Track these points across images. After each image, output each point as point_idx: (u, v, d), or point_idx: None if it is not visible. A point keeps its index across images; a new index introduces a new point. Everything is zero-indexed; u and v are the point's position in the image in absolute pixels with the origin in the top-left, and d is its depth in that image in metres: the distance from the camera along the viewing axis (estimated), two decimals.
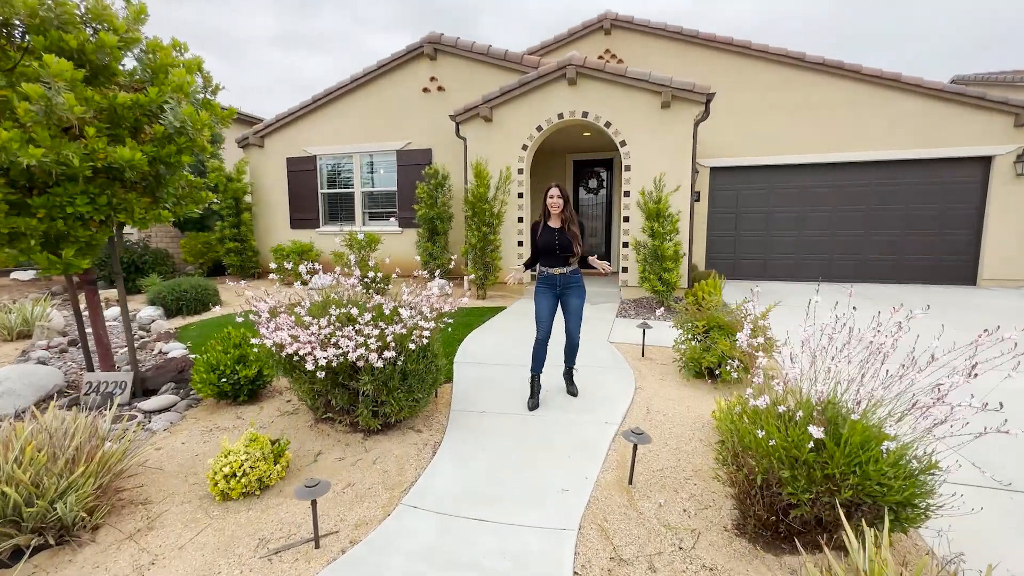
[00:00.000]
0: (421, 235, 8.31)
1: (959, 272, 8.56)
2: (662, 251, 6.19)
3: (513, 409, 3.48)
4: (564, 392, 3.79)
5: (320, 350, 2.72)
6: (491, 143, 7.73)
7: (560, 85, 7.30)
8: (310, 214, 10.00)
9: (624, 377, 4.03)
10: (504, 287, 7.93)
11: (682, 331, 4.11)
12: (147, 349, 5.32)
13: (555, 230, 3.45)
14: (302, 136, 9.86)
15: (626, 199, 7.22)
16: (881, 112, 8.46)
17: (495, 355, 4.67)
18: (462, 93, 8.52)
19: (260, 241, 10.43)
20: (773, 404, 2.14)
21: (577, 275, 3.51)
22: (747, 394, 2.33)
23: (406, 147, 9.14)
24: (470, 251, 7.36)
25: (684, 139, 6.83)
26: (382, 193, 9.63)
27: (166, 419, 3.46)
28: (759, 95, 8.90)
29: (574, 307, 3.50)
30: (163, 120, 3.41)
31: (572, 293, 3.49)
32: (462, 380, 4.04)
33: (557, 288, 3.49)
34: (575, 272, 3.50)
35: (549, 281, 3.50)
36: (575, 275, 3.50)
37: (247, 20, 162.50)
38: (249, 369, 3.59)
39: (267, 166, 10.22)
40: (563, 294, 3.50)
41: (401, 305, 3.12)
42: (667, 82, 6.64)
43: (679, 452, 2.86)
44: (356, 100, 9.39)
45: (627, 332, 5.46)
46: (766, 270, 9.48)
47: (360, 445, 3.05)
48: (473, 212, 7.22)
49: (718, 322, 3.88)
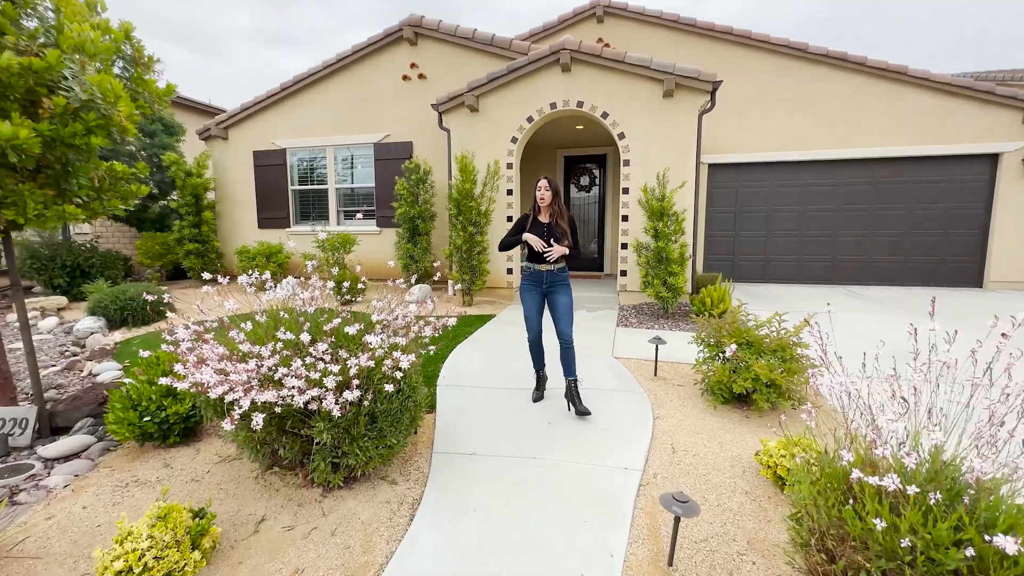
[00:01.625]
0: (401, 236, 7.61)
1: (965, 274, 8.24)
2: (667, 253, 5.63)
3: (509, 448, 2.85)
4: (571, 418, 3.20)
5: (259, 392, 2.05)
6: (477, 135, 7.09)
7: (553, 72, 6.69)
8: (280, 213, 9.19)
9: (638, 403, 3.44)
10: (492, 293, 7.29)
11: (704, 347, 3.55)
12: (75, 370, 4.53)
13: (544, 225, 3.30)
14: (270, 128, 9.05)
15: (625, 196, 6.65)
16: (886, 106, 8.08)
17: (485, 375, 4.03)
18: (445, 82, 7.85)
19: (225, 242, 9.58)
20: (868, 466, 1.56)
21: (564, 272, 3.34)
22: (825, 447, 1.76)
23: (384, 140, 8.42)
24: (455, 253, 6.71)
25: (688, 131, 6.30)
26: (359, 190, 8.89)
27: (72, 469, 2.73)
28: (759, 88, 8.44)
29: (562, 305, 3.28)
30: (65, 91, 2.69)
31: (559, 291, 3.31)
32: (446, 408, 3.40)
33: (543, 285, 3.32)
34: (563, 269, 3.34)
35: (535, 278, 3.33)
36: (562, 272, 3.33)
37: (223, 16, 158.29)
38: (181, 404, 2.88)
39: (232, 160, 9.37)
40: (550, 292, 3.33)
41: (369, 329, 2.46)
42: (670, 69, 6.09)
43: (724, 512, 2.27)
44: (329, 89, 8.63)
45: (632, 345, 4.88)
46: (766, 272, 9.04)
47: (317, 506, 2.38)
48: (458, 210, 6.57)
49: (748, 338, 3.32)
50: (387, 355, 2.33)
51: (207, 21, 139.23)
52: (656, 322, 5.78)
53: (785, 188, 8.77)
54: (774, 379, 2.98)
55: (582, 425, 3.12)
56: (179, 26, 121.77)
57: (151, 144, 9.26)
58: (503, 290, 7.25)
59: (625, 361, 4.38)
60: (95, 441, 3.04)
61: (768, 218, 8.90)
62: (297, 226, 9.19)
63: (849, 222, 8.58)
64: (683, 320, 5.84)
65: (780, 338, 3.25)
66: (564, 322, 3.27)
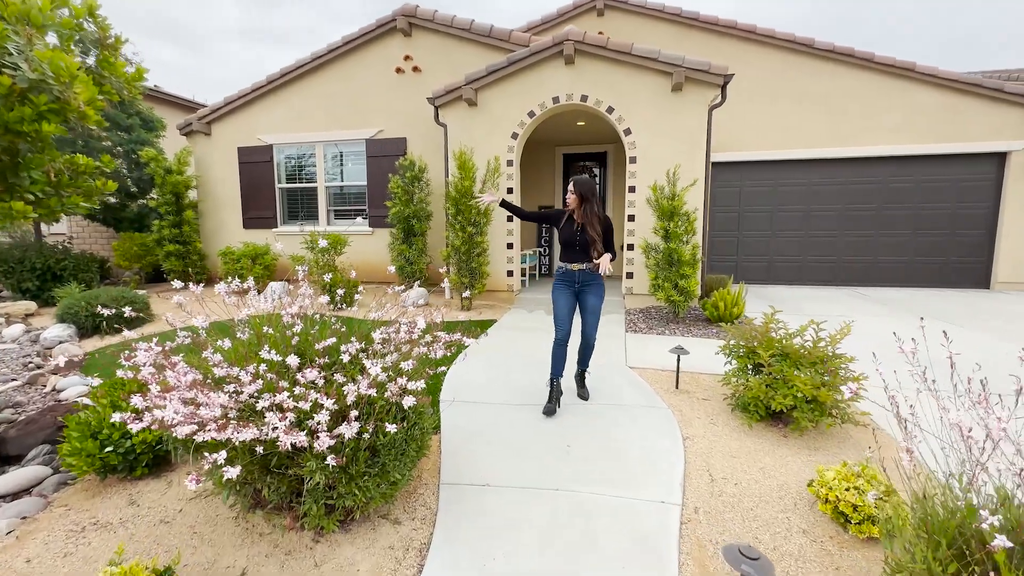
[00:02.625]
0: (395, 236, 7.24)
1: (972, 275, 8.10)
2: (679, 255, 5.35)
3: (527, 477, 2.52)
4: (590, 436, 2.89)
5: (237, 429, 1.69)
6: (476, 130, 6.74)
7: (555, 64, 6.38)
8: (266, 212, 8.76)
9: (663, 421, 3.13)
10: (492, 296, 6.95)
11: (734, 359, 3.25)
12: (37, 385, 4.10)
13: (578, 225, 3.27)
14: (255, 123, 8.61)
15: (631, 195, 6.36)
16: (893, 104, 7.90)
17: (491, 389, 3.70)
18: (441, 75, 7.50)
19: (208, 243, 9.11)
20: None
21: (597, 272, 3.28)
22: (924, 491, 1.46)
23: (377, 136, 8.04)
24: (452, 255, 6.36)
25: (697, 127, 6.02)
26: (350, 188, 8.50)
27: (19, 511, 2.34)
28: (764, 84, 8.21)
29: (592, 306, 3.31)
30: (10, 69, 2.30)
31: (591, 291, 3.31)
32: (452, 430, 3.06)
33: (576, 284, 3.32)
34: (595, 269, 3.29)
35: (568, 277, 3.33)
36: (595, 272, 3.30)
37: (212, 13, 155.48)
38: (149, 431, 2.51)
39: (215, 157, 8.91)
40: (581, 291, 3.33)
41: (367, 346, 2.11)
42: (679, 61, 5.81)
43: (783, 557, 1.96)
44: (318, 82, 8.22)
45: (646, 353, 4.58)
46: (770, 274, 8.82)
47: (308, 554, 2.04)
48: (457, 210, 6.22)
49: (784, 350, 3.03)
50: (391, 379, 1.99)
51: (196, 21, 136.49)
52: (666, 327, 5.50)
53: (789, 187, 8.56)
54: (817, 395, 2.69)
55: (605, 446, 2.81)
56: (167, 24, 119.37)
57: (128, 139, 8.76)
58: (503, 293, 6.93)
59: (641, 371, 4.08)
60: (50, 473, 2.65)
61: (772, 218, 8.69)
62: (285, 226, 8.76)
63: (854, 222, 8.40)
64: (694, 325, 5.56)
65: (818, 349, 2.96)
66: (590, 323, 3.34)
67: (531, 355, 4.44)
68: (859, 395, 2.72)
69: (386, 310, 2.54)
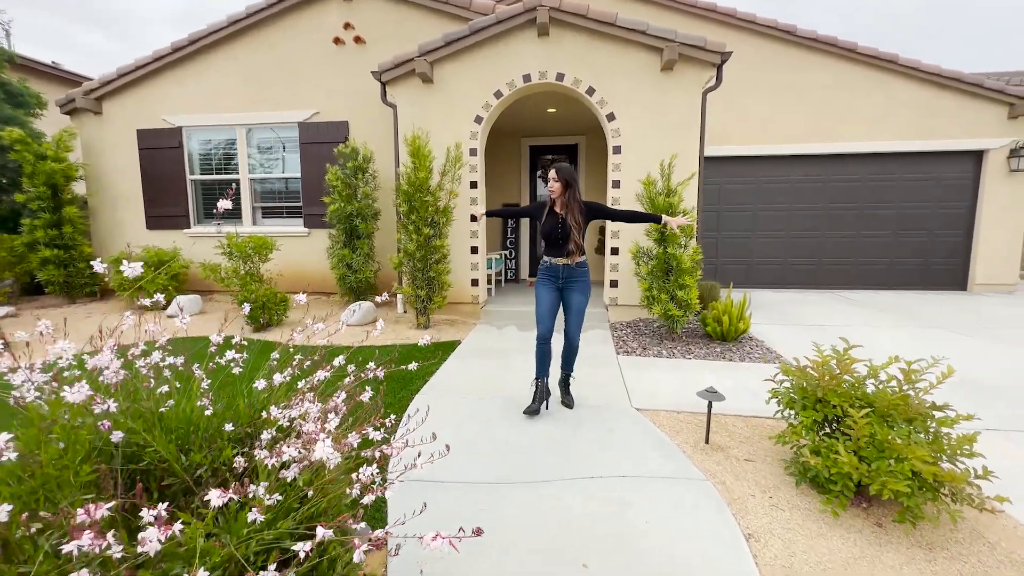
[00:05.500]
0: (335, 239, 6.04)
1: (950, 276, 7.89)
2: (677, 261, 4.52)
3: None
4: (612, 549, 1.92)
5: None
6: (432, 112, 5.66)
7: (526, 36, 5.40)
8: (176, 209, 7.24)
9: (706, 505, 2.22)
10: (455, 310, 5.89)
11: (787, 406, 2.41)
12: None
13: (560, 217, 3.08)
14: (160, 101, 7.08)
15: (615, 191, 5.50)
16: (875, 98, 7.52)
17: (457, 456, 2.66)
18: (389, 48, 6.34)
19: (103, 247, 7.47)
20: None
21: (583, 268, 3.15)
22: None
23: (312, 119, 6.76)
24: (406, 261, 5.24)
25: (690, 112, 5.25)
26: (281, 182, 7.16)
27: None
28: (743, 73, 7.60)
29: (576, 304, 3.15)
30: None
31: (575, 288, 3.15)
32: (402, 531, 2.00)
33: (559, 281, 3.15)
34: (580, 265, 3.13)
35: (551, 272, 3.16)
36: (580, 268, 3.13)
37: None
38: None
39: (109, 141, 7.29)
40: (565, 288, 3.16)
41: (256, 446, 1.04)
42: (671, 35, 5.00)
43: None
44: (238, 52, 6.83)
45: (651, 385, 3.70)
46: (750, 277, 8.29)
47: None
48: (410, 207, 5.11)
49: (867, 399, 2.21)
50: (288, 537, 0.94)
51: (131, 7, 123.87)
52: (662, 346, 4.67)
53: (771, 185, 8.05)
54: (941, 476, 1.87)
55: (634, 561, 1.86)
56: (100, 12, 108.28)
57: None
58: (467, 306, 5.88)
59: (652, 415, 3.18)
60: None
61: (753, 218, 8.16)
62: (200, 226, 7.29)
63: (836, 222, 8.00)
64: (693, 343, 4.76)
65: (907, 398, 2.16)
66: (572, 323, 3.16)
67: (508, 391, 3.45)
68: (988, 472, 1.92)
69: (317, 331, 1.51)
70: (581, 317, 3.16)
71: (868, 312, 6.22)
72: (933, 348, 4.46)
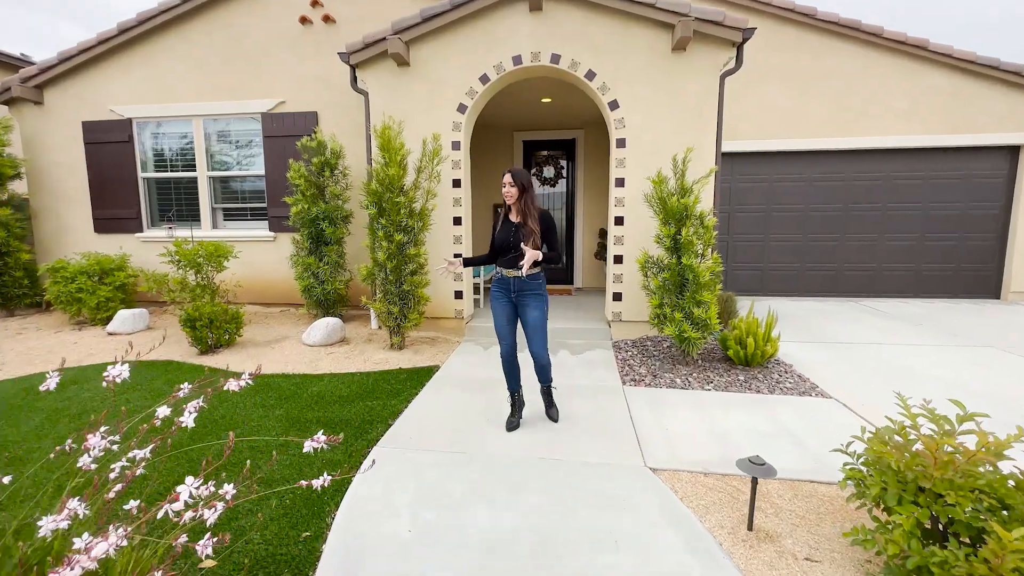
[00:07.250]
0: (299, 244, 5.31)
1: (981, 283, 7.22)
2: (693, 274, 3.80)
3: None
4: None
5: None
6: (409, 99, 4.93)
7: (517, 11, 4.68)
8: (126, 211, 6.48)
9: None
10: (435, 326, 5.17)
11: (884, 504, 1.71)
12: None
13: (514, 225, 2.84)
14: (107, 89, 6.32)
15: (619, 190, 4.78)
16: (902, 88, 6.83)
17: (428, 543, 1.94)
18: (363, 28, 5.59)
19: (46, 253, 6.70)
20: None
21: (537, 280, 2.85)
22: None
23: (276, 109, 6.02)
24: (378, 272, 4.51)
25: (706, 99, 4.54)
26: (244, 180, 6.41)
27: None
28: (757, 61, 6.91)
29: (533, 320, 2.83)
30: None
31: (529, 302, 2.84)
32: None
33: (512, 294, 2.87)
34: (535, 276, 2.84)
35: (502, 285, 2.91)
36: (533, 280, 2.83)
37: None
38: None
39: (52, 135, 6.52)
40: (518, 301, 2.87)
41: None
42: (683, 9, 4.28)
43: None
44: (193, 35, 6.07)
45: (666, 428, 2.99)
46: (764, 284, 7.60)
47: None
48: (379, 209, 4.38)
49: (994, 493, 1.51)
50: None
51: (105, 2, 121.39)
52: (675, 372, 3.96)
53: (786, 184, 7.36)
54: None
55: None
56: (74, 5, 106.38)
57: None
58: (450, 321, 5.16)
59: (672, 477, 2.47)
60: None
61: (766, 219, 7.47)
62: (153, 230, 6.53)
63: (857, 224, 7.32)
64: (711, 367, 4.06)
65: None
66: (535, 341, 2.86)
67: (491, 443, 2.72)
68: None
69: None
70: (543, 333, 2.88)
71: (900, 326, 5.54)
72: (997, 376, 3.77)
